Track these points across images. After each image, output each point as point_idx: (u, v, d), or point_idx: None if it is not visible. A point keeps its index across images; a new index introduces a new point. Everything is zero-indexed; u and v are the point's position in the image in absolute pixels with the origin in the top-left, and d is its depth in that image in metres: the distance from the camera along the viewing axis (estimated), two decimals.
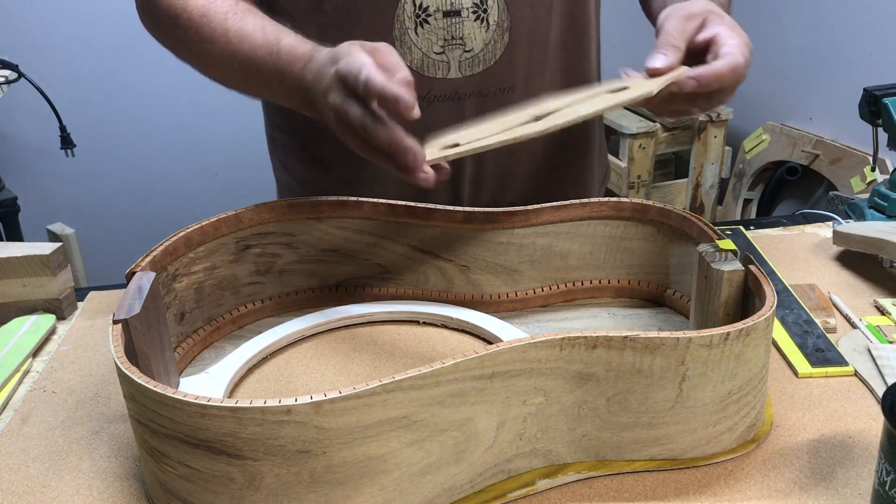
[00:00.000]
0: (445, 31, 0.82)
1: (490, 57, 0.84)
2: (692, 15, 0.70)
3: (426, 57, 0.83)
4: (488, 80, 0.86)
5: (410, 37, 0.82)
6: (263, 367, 0.76)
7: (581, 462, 0.61)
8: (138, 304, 0.62)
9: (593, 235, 0.82)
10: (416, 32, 0.82)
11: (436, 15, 0.81)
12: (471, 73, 0.85)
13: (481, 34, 0.83)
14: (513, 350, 0.55)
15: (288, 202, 0.80)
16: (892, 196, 0.97)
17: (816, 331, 0.77)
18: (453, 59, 0.83)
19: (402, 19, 0.81)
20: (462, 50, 0.83)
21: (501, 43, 0.84)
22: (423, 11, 0.81)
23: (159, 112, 2.43)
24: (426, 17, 0.81)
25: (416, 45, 0.82)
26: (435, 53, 0.83)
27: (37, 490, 0.61)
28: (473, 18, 0.82)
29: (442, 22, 0.82)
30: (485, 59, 0.84)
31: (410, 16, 0.81)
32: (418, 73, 0.84)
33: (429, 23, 0.81)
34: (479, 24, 0.82)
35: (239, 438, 0.50)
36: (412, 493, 0.55)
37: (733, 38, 0.69)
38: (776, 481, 0.59)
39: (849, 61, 2.17)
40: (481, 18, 0.82)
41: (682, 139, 2.54)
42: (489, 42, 0.84)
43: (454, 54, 0.83)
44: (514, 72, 0.87)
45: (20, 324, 0.82)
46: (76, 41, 2.32)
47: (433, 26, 0.82)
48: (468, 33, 0.83)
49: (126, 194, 2.51)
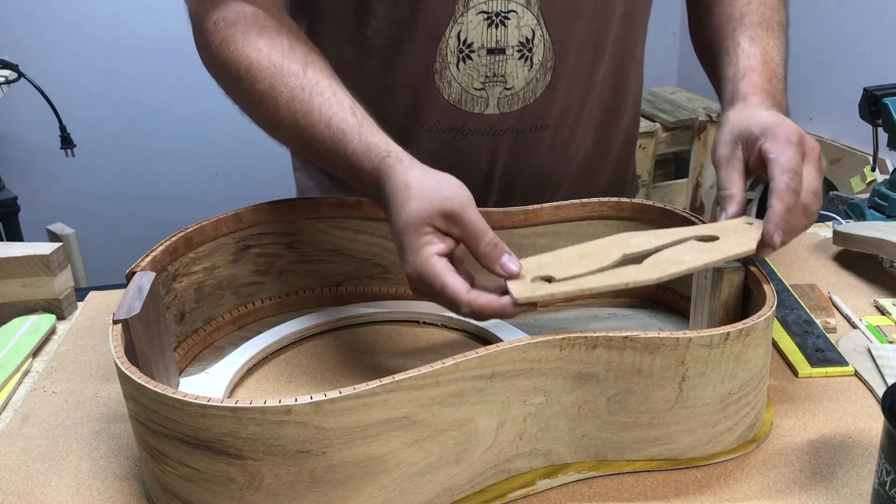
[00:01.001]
0: (487, 68, 0.80)
1: (530, 95, 0.83)
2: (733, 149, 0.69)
3: (465, 92, 0.81)
4: (525, 117, 0.84)
5: (451, 71, 0.80)
6: (263, 367, 0.76)
7: (581, 462, 0.61)
8: (138, 304, 0.62)
9: (593, 235, 0.81)
10: (458, 67, 0.80)
11: (479, 52, 0.79)
12: (508, 110, 0.83)
13: (524, 73, 0.81)
14: (513, 350, 0.55)
15: (288, 202, 0.80)
16: (892, 196, 0.97)
17: (816, 331, 0.77)
18: (492, 96, 0.82)
19: (444, 53, 0.80)
20: (503, 87, 0.81)
21: (543, 82, 0.82)
22: (468, 47, 0.79)
23: (159, 112, 2.43)
24: (469, 52, 0.79)
25: (457, 79, 0.80)
26: (475, 89, 0.81)
27: (37, 490, 0.61)
28: (518, 57, 0.80)
29: (485, 59, 0.80)
30: (524, 97, 0.83)
31: (454, 51, 0.79)
32: (455, 108, 0.82)
33: (471, 59, 0.80)
34: (523, 62, 0.81)
35: (239, 438, 0.50)
36: (412, 493, 0.55)
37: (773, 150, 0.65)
38: (776, 481, 0.59)
39: (849, 61, 2.17)
40: (526, 57, 0.81)
41: (682, 139, 2.54)
42: (531, 80, 0.82)
43: (494, 91, 0.81)
44: (552, 111, 0.85)
45: (20, 324, 0.82)
46: (76, 41, 2.32)
47: (476, 62, 0.80)
48: (510, 71, 0.81)
49: (126, 194, 2.51)
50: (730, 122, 0.71)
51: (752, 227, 0.66)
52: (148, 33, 2.32)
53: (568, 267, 0.61)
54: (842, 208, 1.09)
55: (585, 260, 0.62)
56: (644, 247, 0.64)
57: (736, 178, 0.68)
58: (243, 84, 0.71)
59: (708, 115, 2.47)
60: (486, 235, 0.60)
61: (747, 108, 0.72)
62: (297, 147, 0.73)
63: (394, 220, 0.62)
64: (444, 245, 0.60)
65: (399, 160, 0.64)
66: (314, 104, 0.68)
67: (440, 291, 0.59)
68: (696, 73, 2.76)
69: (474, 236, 0.60)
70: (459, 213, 0.60)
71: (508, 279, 0.60)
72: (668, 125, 2.50)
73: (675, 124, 2.49)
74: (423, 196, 0.61)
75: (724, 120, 0.73)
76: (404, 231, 0.61)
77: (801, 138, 0.67)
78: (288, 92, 0.69)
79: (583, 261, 0.62)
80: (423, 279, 0.60)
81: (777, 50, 0.80)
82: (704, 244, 0.64)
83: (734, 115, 0.72)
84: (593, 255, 0.63)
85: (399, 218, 0.61)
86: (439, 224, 0.60)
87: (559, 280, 0.59)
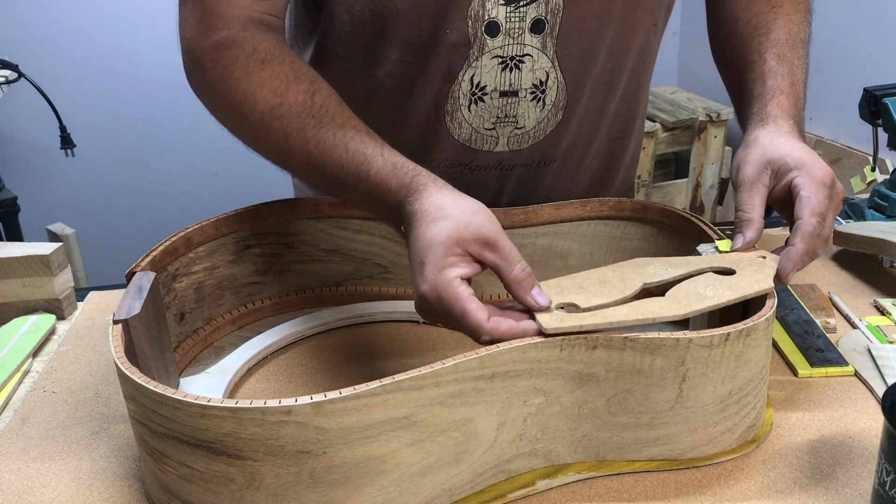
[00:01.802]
0: (499, 110, 0.80)
1: (540, 133, 0.83)
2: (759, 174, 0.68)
3: (475, 132, 0.81)
4: (534, 153, 0.84)
5: (462, 113, 0.79)
6: (263, 367, 0.76)
7: (581, 462, 0.61)
8: (138, 304, 0.62)
9: (593, 235, 0.82)
10: (470, 109, 0.79)
11: (492, 94, 0.79)
12: (518, 148, 0.83)
13: (535, 113, 0.81)
14: (513, 350, 0.55)
15: (288, 202, 0.80)
16: (892, 196, 0.97)
17: (816, 331, 0.77)
18: (503, 135, 0.81)
19: (456, 96, 0.79)
20: (514, 127, 0.81)
21: (554, 120, 0.82)
22: (480, 90, 0.78)
23: (159, 112, 2.43)
24: (482, 95, 0.79)
25: (468, 120, 0.80)
26: (485, 129, 0.81)
27: (37, 490, 0.61)
28: (530, 98, 0.80)
29: (497, 101, 0.79)
30: (535, 135, 0.82)
31: (466, 93, 0.79)
32: (465, 146, 0.82)
33: (483, 101, 0.79)
34: (536, 103, 0.80)
35: (239, 439, 0.50)
36: (412, 494, 0.55)
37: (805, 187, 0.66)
38: (776, 481, 0.59)
39: (849, 61, 2.17)
40: (538, 98, 0.80)
41: (682, 139, 2.54)
42: (542, 120, 0.81)
43: (504, 130, 0.81)
44: (561, 145, 0.85)
45: (20, 324, 0.82)
46: (76, 41, 2.32)
47: (488, 104, 0.79)
48: (522, 112, 0.80)
49: (126, 194, 2.51)
50: (760, 144, 0.70)
51: (766, 263, 0.66)
52: (148, 33, 2.32)
53: (590, 295, 0.60)
54: (842, 208, 1.09)
55: (606, 288, 0.62)
56: (662, 276, 0.63)
57: (758, 203, 0.68)
58: (248, 121, 0.68)
59: (708, 115, 2.47)
60: (521, 262, 0.60)
61: (780, 135, 0.71)
62: (308, 176, 0.71)
63: (417, 236, 0.60)
64: (470, 270, 0.59)
65: (433, 180, 0.63)
66: (327, 131, 0.66)
67: (460, 316, 0.57)
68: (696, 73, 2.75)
69: (510, 262, 0.59)
70: (496, 238, 0.59)
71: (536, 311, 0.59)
72: (668, 125, 2.50)
73: (675, 124, 2.49)
74: (460, 219, 0.59)
75: (753, 139, 0.71)
76: (430, 247, 0.59)
77: (833, 182, 0.67)
78: (297, 122, 0.66)
79: (604, 288, 0.62)
80: (442, 300, 0.58)
81: (801, 71, 0.79)
82: (723, 278, 0.63)
83: (766, 138, 0.70)
84: (614, 283, 0.62)
85: (426, 235, 0.59)
86: (473, 249, 0.59)
87: (584, 310, 0.59)
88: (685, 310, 0.59)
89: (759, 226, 0.67)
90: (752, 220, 0.67)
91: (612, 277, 0.63)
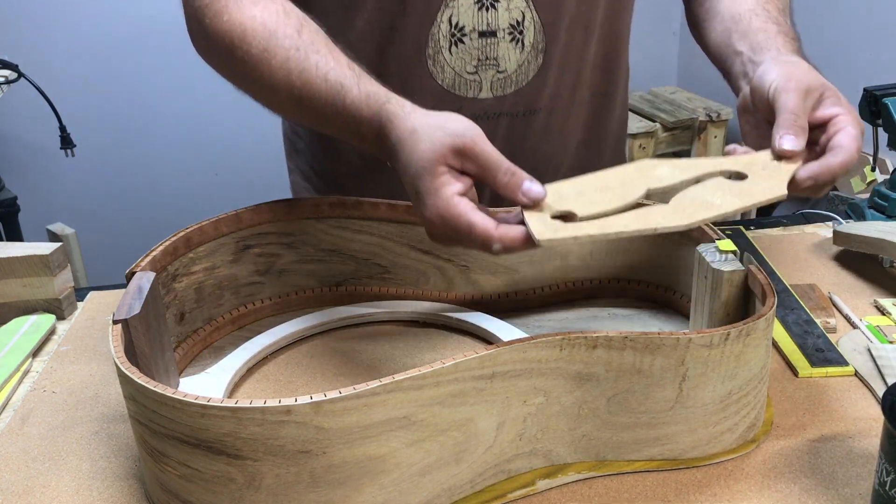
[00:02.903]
0: (480, 52, 0.81)
1: (522, 78, 0.83)
2: (810, 90, 0.65)
3: (458, 76, 0.82)
4: (518, 100, 0.85)
5: (444, 55, 0.81)
6: (263, 367, 0.76)
7: (581, 462, 0.61)
8: (138, 304, 0.62)
9: None
10: (450, 52, 0.81)
11: (471, 35, 0.80)
12: (502, 94, 0.84)
13: (515, 55, 0.82)
14: (513, 350, 0.55)
15: (288, 202, 0.80)
16: (892, 196, 0.97)
17: (816, 331, 0.77)
18: (485, 80, 0.82)
19: (436, 38, 0.80)
20: (495, 70, 0.82)
21: (535, 64, 0.83)
22: (459, 31, 0.80)
23: (159, 112, 2.43)
24: (461, 36, 0.80)
25: (449, 63, 0.81)
26: (468, 73, 0.82)
27: (37, 490, 0.61)
28: (509, 39, 0.81)
29: (477, 42, 0.80)
30: (517, 80, 0.83)
31: (445, 35, 0.80)
32: (449, 92, 0.83)
33: (463, 42, 0.80)
34: (514, 45, 0.81)
35: (239, 438, 0.50)
36: (412, 493, 0.55)
37: (851, 124, 0.64)
38: (776, 481, 0.59)
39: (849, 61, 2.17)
40: (517, 40, 0.81)
41: (682, 139, 2.54)
42: (523, 63, 0.82)
43: (487, 74, 0.82)
44: (545, 93, 0.86)
45: (20, 324, 0.82)
46: (76, 41, 2.32)
47: (468, 46, 0.81)
48: (502, 54, 0.81)
49: (126, 194, 2.51)
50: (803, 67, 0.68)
51: (780, 166, 0.61)
52: (148, 33, 2.32)
53: (589, 203, 0.57)
54: (842, 208, 1.09)
55: (607, 195, 0.58)
56: (669, 181, 0.60)
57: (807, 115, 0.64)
58: (237, 52, 0.70)
59: (708, 115, 2.47)
60: (503, 164, 0.59)
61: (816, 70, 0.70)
62: (294, 109, 0.72)
63: (404, 168, 0.61)
64: (462, 184, 0.59)
65: (401, 106, 0.63)
66: (310, 62, 0.67)
67: (467, 232, 0.57)
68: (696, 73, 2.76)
69: (491, 168, 0.59)
70: (471, 146, 0.58)
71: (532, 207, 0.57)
72: (668, 125, 2.50)
73: (675, 124, 2.49)
74: (432, 137, 0.59)
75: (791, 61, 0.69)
76: (419, 176, 0.59)
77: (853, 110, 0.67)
78: (283, 52, 0.68)
79: (605, 195, 0.58)
80: (446, 222, 0.57)
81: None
82: (733, 184, 0.60)
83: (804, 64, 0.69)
84: (615, 189, 0.59)
85: (411, 164, 0.59)
86: (453, 162, 0.59)
87: (581, 218, 0.56)
88: (689, 219, 0.56)
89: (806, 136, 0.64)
90: (805, 128, 0.64)
91: (615, 182, 0.60)
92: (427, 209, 0.59)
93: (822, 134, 0.65)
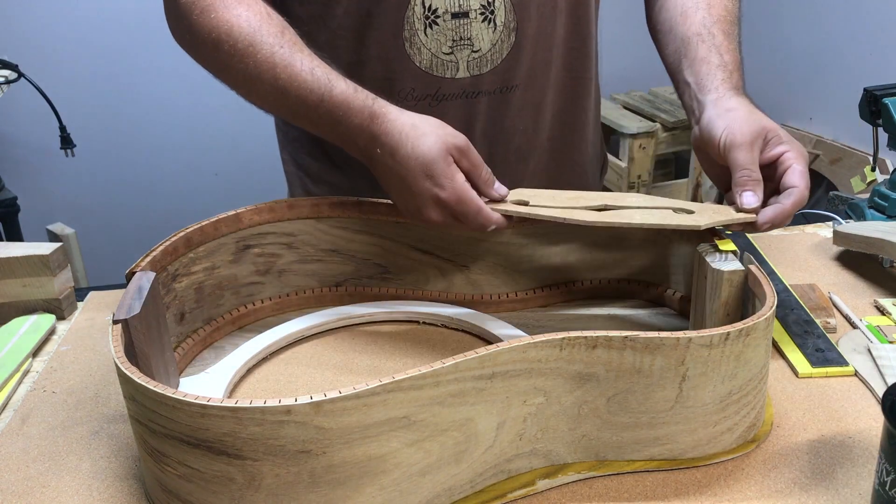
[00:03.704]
0: (454, 32, 0.84)
1: (497, 57, 0.86)
2: (755, 139, 0.71)
3: (435, 57, 0.84)
4: (495, 79, 0.87)
5: (420, 38, 0.83)
6: (263, 367, 0.76)
7: (581, 462, 0.61)
8: (138, 304, 0.62)
9: (594, 235, 0.82)
10: (426, 33, 0.83)
11: (444, 16, 0.83)
12: (479, 73, 0.86)
13: (488, 35, 0.84)
14: (513, 350, 0.55)
15: (288, 202, 0.80)
16: (892, 196, 0.97)
17: (816, 331, 0.77)
18: (462, 60, 0.85)
19: (411, 21, 0.83)
20: (470, 50, 0.85)
21: (508, 43, 0.86)
22: (433, 13, 0.83)
23: (159, 112, 2.43)
24: (435, 18, 0.83)
25: (426, 45, 0.84)
26: (444, 54, 0.84)
27: (37, 490, 0.61)
28: (481, 20, 0.84)
29: (450, 23, 0.83)
30: (492, 58, 0.86)
31: (420, 17, 0.83)
32: (427, 74, 0.85)
33: (437, 24, 0.83)
34: (487, 24, 0.84)
35: (239, 438, 0.50)
36: (412, 493, 0.55)
37: (796, 160, 0.71)
38: (776, 481, 0.59)
39: (849, 61, 2.17)
40: (488, 20, 0.84)
41: (682, 139, 2.54)
42: (496, 42, 0.85)
43: (462, 54, 0.85)
44: (520, 71, 0.88)
45: (20, 324, 0.82)
46: (76, 41, 2.32)
47: (442, 27, 0.83)
48: (476, 34, 0.84)
49: (126, 194, 2.51)
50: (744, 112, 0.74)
51: (728, 210, 0.71)
52: (148, 33, 2.32)
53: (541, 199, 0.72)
54: (842, 208, 1.09)
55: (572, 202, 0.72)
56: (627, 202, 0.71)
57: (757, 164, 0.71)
58: (223, 46, 0.74)
59: None
60: (485, 166, 0.71)
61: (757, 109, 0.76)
62: (275, 102, 0.76)
63: (408, 154, 0.68)
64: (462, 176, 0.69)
65: (390, 105, 0.71)
66: (295, 58, 0.73)
67: (476, 212, 0.68)
68: None
69: (479, 166, 0.70)
70: (468, 146, 0.70)
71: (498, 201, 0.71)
72: (668, 125, 2.50)
73: (675, 124, 2.49)
74: (437, 133, 0.69)
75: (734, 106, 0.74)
76: (433, 161, 0.68)
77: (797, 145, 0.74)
78: (268, 48, 0.73)
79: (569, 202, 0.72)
80: (462, 202, 0.68)
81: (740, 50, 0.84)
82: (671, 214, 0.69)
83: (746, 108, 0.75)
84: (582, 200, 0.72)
85: (420, 151, 0.68)
86: (455, 155, 0.69)
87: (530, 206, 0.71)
88: (597, 218, 0.68)
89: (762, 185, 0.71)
90: (760, 180, 0.71)
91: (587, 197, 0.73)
92: (445, 190, 0.68)
93: (773, 171, 0.72)
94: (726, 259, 0.67)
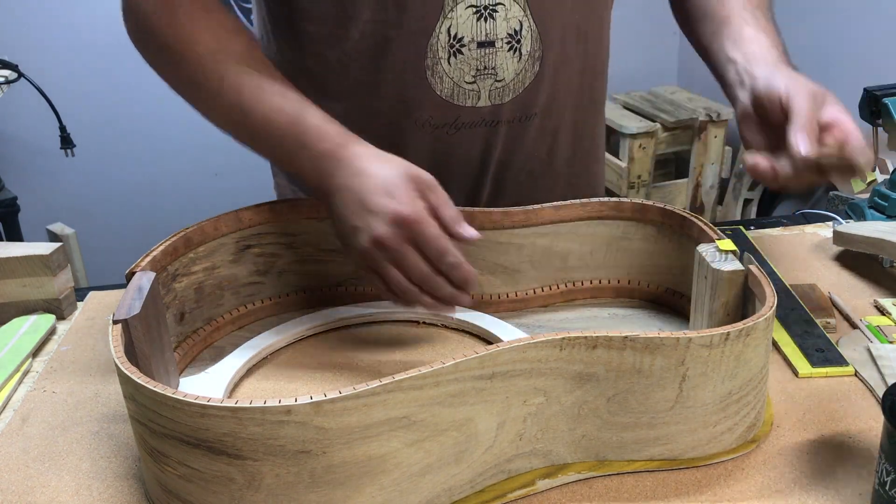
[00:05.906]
0: (478, 62, 0.81)
1: (519, 86, 0.84)
2: (816, 95, 0.70)
3: (457, 86, 0.82)
4: (515, 108, 0.85)
5: (443, 66, 0.81)
6: (263, 367, 0.76)
7: (581, 462, 0.61)
8: (138, 304, 0.62)
9: (593, 235, 0.82)
10: (449, 62, 0.81)
11: (470, 45, 0.80)
12: (500, 102, 0.84)
13: (513, 64, 0.82)
14: (513, 350, 0.55)
15: (288, 202, 0.80)
16: (893, 196, 0.97)
17: (816, 331, 0.77)
18: (484, 89, 0.83)
19: (435, 49, 0.80)
20: (493, 79, 0.82)
21: (532, 72, 0.84)
22: (458, 42, 0.80)
23: (159, 112, 2.43)
24: (460, 47, 0.80)
25: (448, 74, 0.81)
26: (466, 83, 0.82)
27: (37, 490, 0.61)
28: (507, 49, 0.81)
29: (476, 52, 0.81)
30: (514, 88, 0.84)
31: (444, 46, 0.80)
32: (447, 102, 0.83)
33: (462, 53, 0.80)
34: (513, 54, 0.82)
35: (239, 438, 0.50)
36: (412, 493, 0.55)
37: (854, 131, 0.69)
38: (776, 481, 0.59)
39: (849, 61, 2.17)
40: (514, 49, 0.82)
41: (682, 139, 2.54)
42: (520, 71, 0.83)
43: (485, 83, 0.82)
44: (540, 99, 0.86)
45: (20, 324, 0.82)
46: (76, 41, 2.32)
47: (466, 56, 0.81)
48: (500, 63, 0.82)
49: (126, 194, 2.51)
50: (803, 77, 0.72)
51: None
52: None
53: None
54: (842, 208, 1.09)
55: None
56: None
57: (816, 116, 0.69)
58: (186, 62, 0.73)
59: (708, 115, 2.47)
60: (451, 204, 0.69)
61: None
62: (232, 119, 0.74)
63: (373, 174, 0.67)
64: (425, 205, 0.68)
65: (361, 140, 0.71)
66: (265, 79, 0.72)
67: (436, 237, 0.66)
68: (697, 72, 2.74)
69: (446, 203, 0.68)
70: (434, 184, 0.69)
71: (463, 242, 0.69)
72: (668, 125, 2.50)
73: (675, 124, 2.49)
74: (403, 163, 0.68)
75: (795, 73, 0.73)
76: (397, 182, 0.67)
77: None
78: (236, 67, 0.72)
79: None
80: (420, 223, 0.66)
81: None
82: None
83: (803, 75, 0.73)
84: None
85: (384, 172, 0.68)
86: (421, 188, 0.68)
87: None
88: None
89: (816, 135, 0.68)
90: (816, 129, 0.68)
91: None
92: (406, 206, 0.66)
93: (827, 136, 0.69)
94: (726, 259, 0.67)
